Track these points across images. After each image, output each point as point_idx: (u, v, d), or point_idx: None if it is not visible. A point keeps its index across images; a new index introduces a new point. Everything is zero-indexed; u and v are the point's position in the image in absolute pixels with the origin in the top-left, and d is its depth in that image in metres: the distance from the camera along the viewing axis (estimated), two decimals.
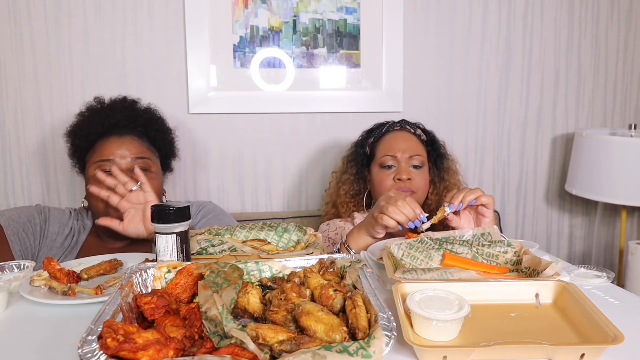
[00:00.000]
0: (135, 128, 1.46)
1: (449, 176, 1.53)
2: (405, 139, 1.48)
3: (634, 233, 2.17)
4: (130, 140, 1.38)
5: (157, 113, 1.56)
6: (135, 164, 1.34)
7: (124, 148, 1.35)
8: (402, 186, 1.42)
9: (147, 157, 1.38)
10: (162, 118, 1.57)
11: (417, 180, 1.44)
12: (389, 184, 1.44)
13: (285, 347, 0.61)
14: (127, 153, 1.35)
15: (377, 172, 1.48)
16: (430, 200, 1.51)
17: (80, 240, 1.40)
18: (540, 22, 1.98)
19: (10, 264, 1.01)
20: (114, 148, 1.35)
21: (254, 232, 1.12)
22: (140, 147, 1.38)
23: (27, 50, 1.73)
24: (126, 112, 1.48)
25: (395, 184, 1.43)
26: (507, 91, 2.01)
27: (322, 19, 1.84)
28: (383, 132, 1.52)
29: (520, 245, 1.00)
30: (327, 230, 1.52)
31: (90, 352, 0.57)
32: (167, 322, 0.68)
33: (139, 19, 1.77)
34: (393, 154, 1.45)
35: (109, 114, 1.46)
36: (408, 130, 1.52)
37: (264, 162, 1.91)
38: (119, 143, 1.36)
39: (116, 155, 1.34)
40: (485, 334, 0.72)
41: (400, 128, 1.52)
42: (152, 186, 1.30)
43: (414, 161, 1.45)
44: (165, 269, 0.82)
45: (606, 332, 0.67)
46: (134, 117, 1.48)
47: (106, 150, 1.35)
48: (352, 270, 0.82)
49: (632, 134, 1.83)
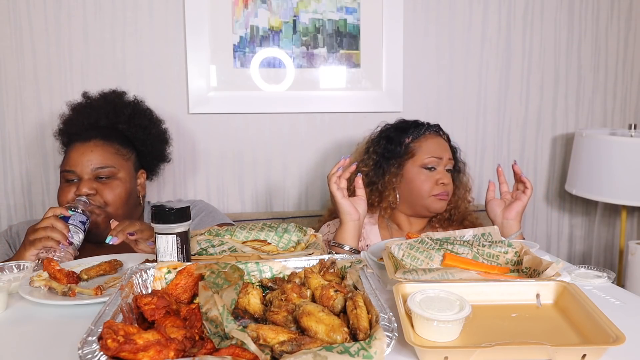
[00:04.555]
0: (115, 125, 1.47)
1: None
2: (443, 142, 1.53)
3: (634, 233, 2.17)
4: (94, 147, 1.36)
5: (142, 106, 1.56)
6: (97, 174, 1.34)
7: (86, 158, 1.34)
8: (442, 191, 1.47)
9: (111, 165, 1.36)
10: (149, 110, 1.57)
11: (451, 184, 1.50)
12: (429, 186, 1.47)
13: (286, 348, 0.61)
14: (89, 164, 1.34)
15: (418, 172, 1.48)
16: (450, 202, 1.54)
17: None
18: (540, 22, 1.98)
19: (10, 265, 1.01)
20: (77, 157, 1.35)
21: (254, 232, 1.12)
22: (103, 154, 1.36)
23: (27, 50, 1.73)
24: (107, 108, 1.49)
25: (438, 187, 1.47)
26: (507, 91, 2.01)
27: (322, 19, 1.84)
28: (422, 132, 1.52)
29: (521, 246, 1.00)
30: (328, 233, 1.52)
31: (91, 353, 0.57)
32: (167, 322, 0.68)
33: (139, 19, 1.77)
34: (439, 156, 1.48)
35: (89, 112, 1.47)
36: (441, 135, 1.55)
37: (264, 162, 1.91)
38: (80, 152, 1.35)
39: (77, 166, 1.34)
40: (486, 334, 0.72)
41: (436, 131, 1.55)
42: (114, 193, 1.35)
43: (450, 165, 1.51)
44: (166, 270, 0.82)
45: (607, 332, 0.67)
46: (115, 113, 1.48)
47: (70, 160, 1.35)
48: (353, 270, 0.82)
49: (632, 134, 1.83)
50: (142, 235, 1.10)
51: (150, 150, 1.54)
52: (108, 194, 1.34)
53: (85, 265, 1.05)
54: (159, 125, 1.58)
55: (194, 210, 1.47)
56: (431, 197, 1.47)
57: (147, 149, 1.52)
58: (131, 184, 1.42)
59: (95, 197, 1.32)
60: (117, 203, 1.35)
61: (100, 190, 1.33)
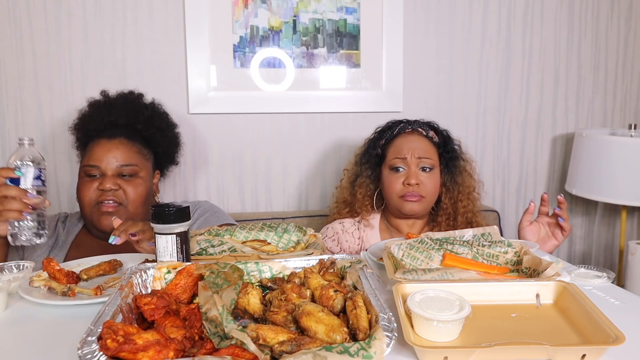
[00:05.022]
0: (134, 125, 1.47)
1: (462, 178, 1.50)
2: (416, 140, 1.46)
3: (634, 233, 2.17)
4: (119, 144, 1.38)
5: (160, 109, 1.58)
6: (121, 171, 1.36)
7: (111, 155, 1.36)
8: (411, 191, 1.41)
9: (134, 164, 1.38)
10: (166, 114, 1.58)
11: (427, 184, 1.43)
12: (397, 187, 1.43)
13: (286, 348, 0.61)
14: (114, 160, 1.36)
15: (387, 175, 1.46)
16: (444, 204, 1.48)
17: (69, 239, 1.42)
18: (540, 22, 1.98)
19: (10, 265, 1.01)
20: (102, 154, 1.36)
21: (254, 232, 1.12)
22: (128, 152, 1.38)
23: (27, 50, 1.73)
24: (127, 108, 1.50)
25: (405, 188, 1.42)
26: (507, 91, 2.01)
27: (322, 19, 1.84)
28: (395, 133, 1.50)
29: (521, 246, 1.00)
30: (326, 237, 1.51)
31: (90, 353, 0.57)
32: (167, 322, 0.68)
33: (139, 19, 1.77)
34: (402, 157, 1.43)
35: (110, 110, 1.47)
36: (420, 132, 1.49)
37: (264, 162, 1.91)
38: (106, 148, 1.36)
39: (102, 162, 1.35)
40: (486, 334, 0.72)
41: (412, 130, 1.50)
42: (137, 192, 1.36)
43: (424, 164, 1.43)
44: (165, 270, 0.82)
45: (607, 332, 0.67)
46: (135, 113, 1.49)
47: (94, 155, 1.36)
48: (353, 270, 0.82)
49: (632, 134, 1.83)
50: (144, 236, 1.10)
51: (165, 152, 1.55)
52: (130, 192, 1.36)
53: (85, 265, 1.05)
54: (174, 128, 1.60)
55: (199, 210, 1.48)
56: (399, 198, 1.43)
57: (162, 150, 1.54)
58: (150, 183, 1.44)
59: (117, 193, 1.34)
60: (138, 201, 1.37)
61: (123, 187, 1.35)
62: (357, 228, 1.51)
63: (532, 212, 1.35)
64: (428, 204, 1.46)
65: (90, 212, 1.35)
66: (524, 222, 1.35)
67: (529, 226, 1.34)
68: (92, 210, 1.35)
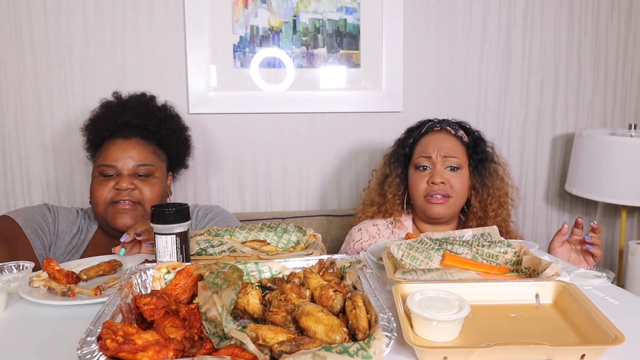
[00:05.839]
0: (148, 126, 1.48)
1: (492, 181, 1.44)
2: (443, 139, 1.42)
3: (634, 233, 2.17)
4: (135, 144, 1.39)
5: (172, 111, 1.58)
6: (137, 171, 1.36)
7: (127, 155, 1.36)
8: (435, 190, 1.37)
9: (150, 164, 1.39)
10: (178, 116, 1.59)
11: (453, 183, 1.38)
12: (422, 187, 1.39)
13: (285, 348, 0.61)
14: (130, 160, 1.36)
15: (412, 174, 1.43)
16: (474, 207, 1.44)
17: (87, 238, 1.42)
18: (540, 22, 1.98)
19: (10, 265, 1.01)
20: (118, 153, 1.36)
21: (254, 232, 1.12)
22: (144, 152, 1.39)
23: (27, 50, 1.73)
24: (140, 109, 1.50)
25: (429, 187, 1.38)
26: (507, 91, 2.01)
27: (322, 19, 1.84)
28: (422, 132, 1.47)
29: (520, 246, 1.00)
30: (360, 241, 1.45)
31: (90, 353, 0.57)
32: (166, 323, 0.68)
33: (139, 19, 1.77)
34: (428, 155, 1.39)
35: (123, 111, 1.48)
36: (448, 131, 1.45)
37: (264, 162, 1.91)
38: (123, 148, 1.37)
39: (119, 161, 1.36)
40: (485, 334, 0.72)
41: (440, 128, 1.46)
42: (153, 191, 1.37)
43: (450, 163, 1.39)
44: (165, 270, 0.82)
45: (607, 332, 0.67)
46: (148, 115, 1.50)
47: (110, 155, 1.37)
48: (352, 270, 0.82)
49: (632, 134, 1.83)
50: (150, 236, 1.10)
51: (177, 154, 1.56)
52: (147, 191, 1.36)
53: (85, 265, 1.05)
54: (185, 131, 1.60)
55: (210, 214, 1.49)
56: (424, 200, 1.39)
57: (174, 152, 1.54)
58: (165, 184, 1.45)
59: (133, 193, 1.34)
60: (154, 201, 1.37)
61: (139, 186, 1.36)
62: (392, 232, 1.46)
63: (564, 233, 1.31)
64: (455, 205, 1.41)
65: (105, 210, 1.35)
66: (555, 242, 1.31)
67: (560, 247, 1.30)
68: (107, 209, 1.34)
